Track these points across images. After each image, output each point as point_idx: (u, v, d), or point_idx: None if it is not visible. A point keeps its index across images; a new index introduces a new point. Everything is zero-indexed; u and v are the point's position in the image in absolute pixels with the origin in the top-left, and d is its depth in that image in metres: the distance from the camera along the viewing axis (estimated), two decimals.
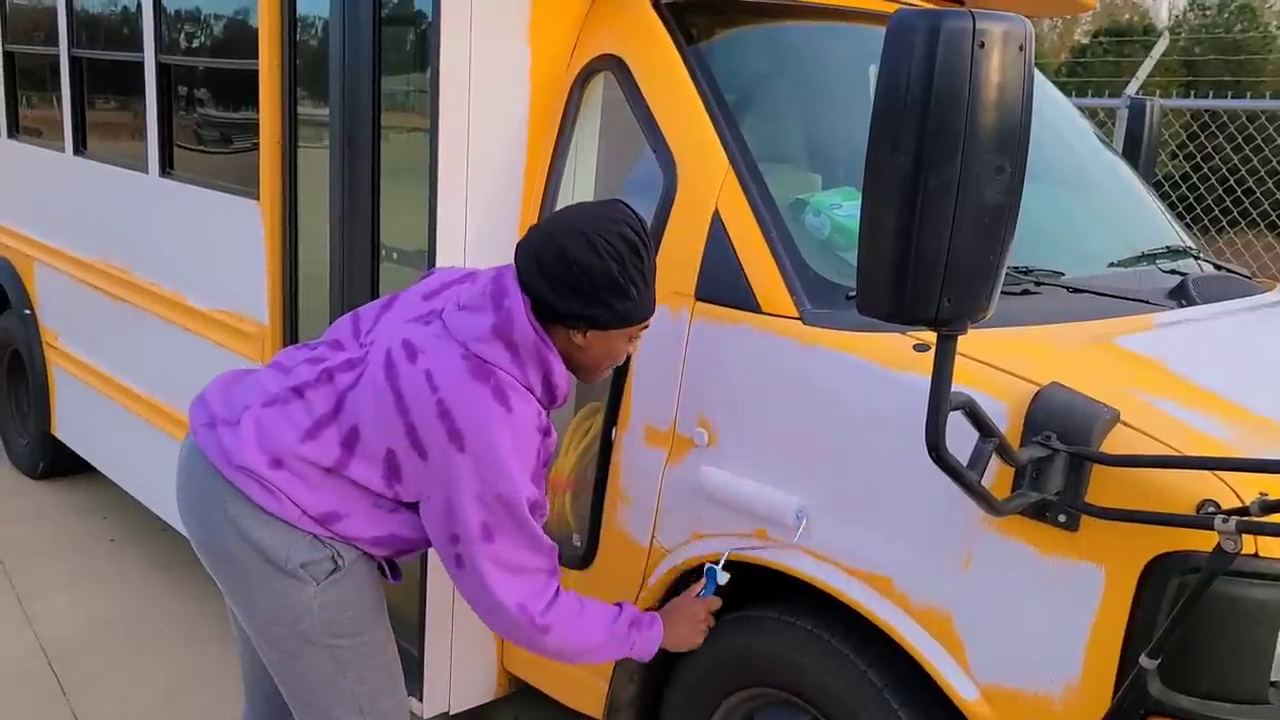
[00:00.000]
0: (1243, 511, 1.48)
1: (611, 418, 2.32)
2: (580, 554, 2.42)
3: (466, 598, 1.86)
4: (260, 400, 1.88)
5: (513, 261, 1.86)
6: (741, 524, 2.10)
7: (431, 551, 2.45)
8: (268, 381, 1.92)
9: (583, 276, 1.76)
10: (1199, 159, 6.61)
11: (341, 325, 1.99)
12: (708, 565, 2.10)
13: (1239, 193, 6.59)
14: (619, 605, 1.98)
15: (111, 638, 3.44)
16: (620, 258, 1.77)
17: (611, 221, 1.78)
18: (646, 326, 1.91)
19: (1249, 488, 1.58)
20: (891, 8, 2.80)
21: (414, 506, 1.90)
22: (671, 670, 2.31)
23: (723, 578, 2.08)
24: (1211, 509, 1.54)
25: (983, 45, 1.36)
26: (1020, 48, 1.38)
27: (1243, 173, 6.60)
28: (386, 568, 2.02)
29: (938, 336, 1.49)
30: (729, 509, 2.11)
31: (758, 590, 2.24)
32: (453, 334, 1.81)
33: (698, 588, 2.10)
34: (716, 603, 2.09)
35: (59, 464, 4.61)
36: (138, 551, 4.06)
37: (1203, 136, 6.66)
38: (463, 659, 2.61)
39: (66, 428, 4.36)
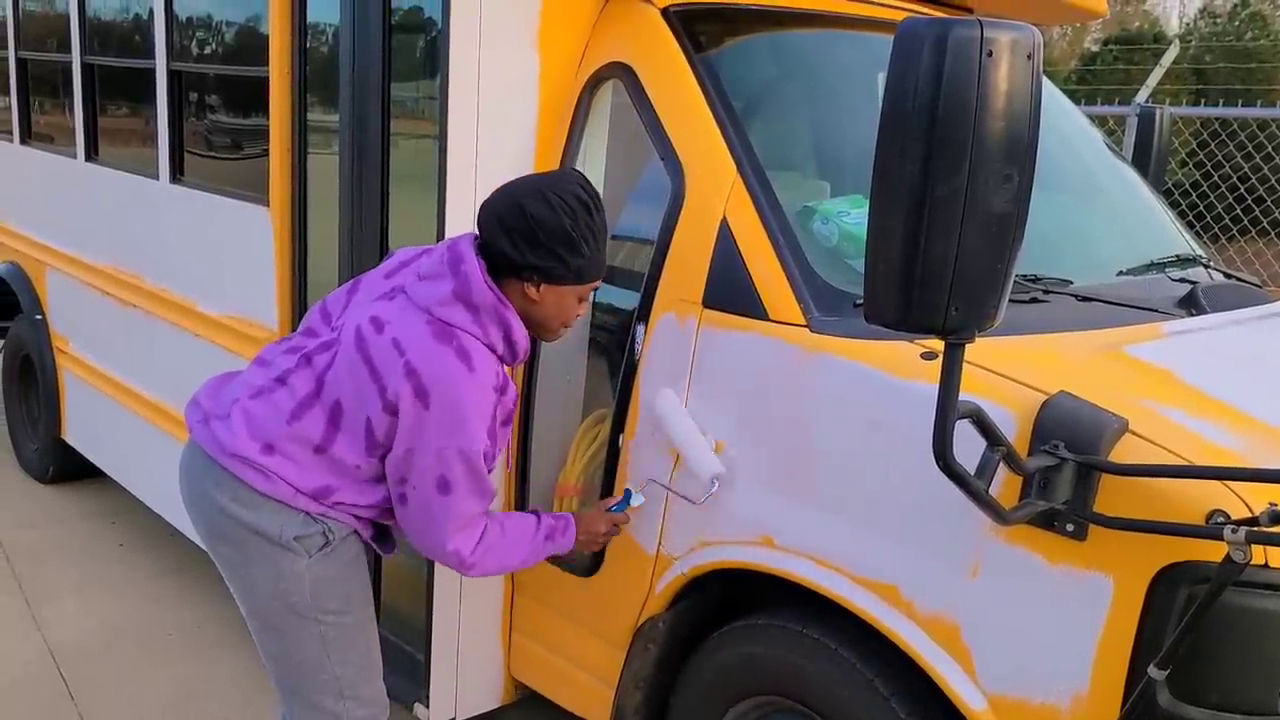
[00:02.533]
0: (1252, 522, 1.47)
1: (619, 425, 2.32)
2: (587, 561, 2.42)
3: (405, 528, 1.99)
4: (247, 393, 2.00)
5: (476, 225, 1.99)
6: (747, 532, 2.09)
7: (440, 571, 2.47)
8: (252, 376, 2.03)
9: (539, 229, 1.90)
10: (1209, 167, 6.59)
11: (312, 315, 2.10)
12: (627, 486, 2.24)
13: (1249, 201, 6.56)
14: (536, 517, 2.11)
15: (120, 643, 3.45)
16: (573, 213, 1.91)
17: (565, 182, 1.94)
18: (597, 287, 2.04)
19: (1259, 498, 1.57)
20: (899, 16, 2.80)
21: None
22: (678, 678, 2.31)
23: (637, 500, 2.21)
24: (1221, 519, 1.53)
25: (990, 54, 1.36)
26: (1028, 56, 1.38)
27: (1253, 181, 6.57)
28: (376, 542, 2.11)
29: (945, 345, 1.49)
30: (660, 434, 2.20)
31: (764, 598, 2.24)
32: (415, 303, 1.92)
33: (611, 501, 2.24)
34: (624, 518, 2.22)
35: (68, 468, 4.62)
36: (147, 557, 4.07)
37: (1213, 145, 6.64)
38: (469, 666, 2.61)
39: (76, 432, 4.38)
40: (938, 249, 1.40)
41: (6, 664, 3.29)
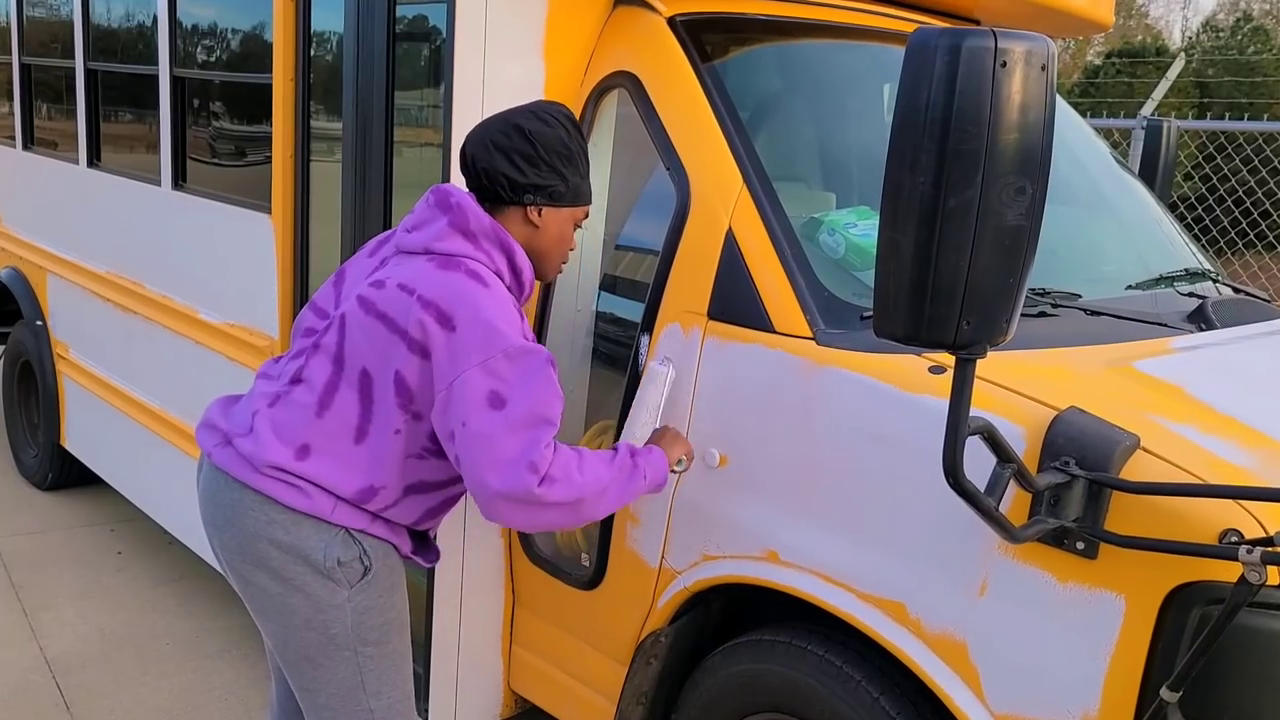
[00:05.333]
0: (1267, 542, 1.44)
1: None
2: (589, 574, 2.40)
3: (474, 488, 1.80)
4: (265, 403, 1.93)
5: (461, 163, 1.96)
6: (751, 546, 2.07)
7: (440, 569, 2.44)
8: (264, 388, 1.97)
9: (538, 143, 1.91)
10: (1215, 180, 6.57)
11: (305, 316, 2.05)
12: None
13: (1255, 215, 6.54)
14: (613, 448, 1.96)
15: (118, 652, 3.42)
16: (566, 129, 1.94)
17: (549, 103, 1.97)
18: (587, 214, 2.05)
19: (1273, 517, 1.54)
20: (907, 26, 2.79)
21: (441, 451, 1.91)
22: (680, 693, 2.29)
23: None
24: (1235, 539, 1.51)
25: (1004, 65, 1.34)
26: (1042, 67, 1.36)
27: (1259, 195, 6.56)
28: (416, 554, 2.03)
29: (956, 360, 1.47)
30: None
31: (767, 612, 2.21)
32: (411, 251, 1.90)
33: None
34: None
35: (67, 476, 4.61)
36: (145, 565, 4.05)
37: (1219, 158, 6.63)
38: (469, 679, 2.59)
39: (76, 440, 4.36)
40: (949, 263, 1.38)
41: (3, 672, 3.26)
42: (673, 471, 2.03)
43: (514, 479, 1.76)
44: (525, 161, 1.90)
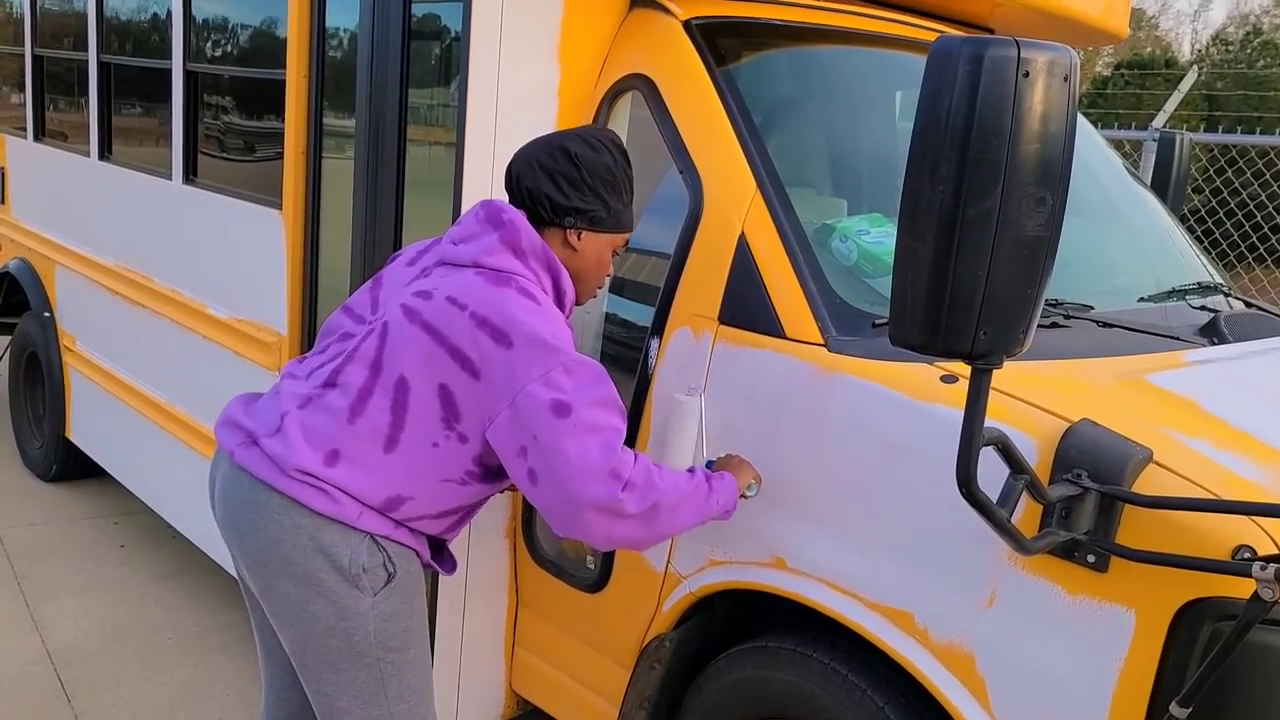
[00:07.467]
0: None
1: (631, 439, 2.29)
2: (593, 578, 2.39)
3: (550, 504, 1.79)
4: (295, 404, 1.88)
5: (506, 183, 1.98)
6: (758, 552, 2.06)
7: (444, 582, 2.44)
8: (293, 388, 1.91)
9: (584, 168, 1.92)
10: (1225, 194, 6.56)
11: (339, 320, 2.01)
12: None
13: (1265, 229, 6.53)
14: (690, 469, 1.94)
15: (119, 645, 3.42)
16: (613, 154, 1.95)
17: (598, 129, 1.99)
18: (627, 243, 2.07)
19: None
20: (920, 33, 2.78)
21: (484, 475, 1.90)
22: (683, 698, 2.28)
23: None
24: (1248, 555, 1.50)
25: (1027, 74, 1.33)
26: (1065, 78, 1.36)
27: (1270, 209, 6.54)
28: (434, 562, 2.02)
29: (972, 370, 1.46)
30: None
31: (771, 618, 2.21)
32: (459, 264, 1.89)
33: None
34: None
35: (72, 468, 4.61)
36: (148, 559, 4.05)
37: (1230, 172, 6.62)
38: (470, 680, 2.58)
39: (81, 431, 4.36)
40: (968, 272, 1.37)
41: (4, 664, 3.26)
42: (743, 497, 2.00)
43: (599, 485, 1.76)
44: (569, 184, 1.92)
